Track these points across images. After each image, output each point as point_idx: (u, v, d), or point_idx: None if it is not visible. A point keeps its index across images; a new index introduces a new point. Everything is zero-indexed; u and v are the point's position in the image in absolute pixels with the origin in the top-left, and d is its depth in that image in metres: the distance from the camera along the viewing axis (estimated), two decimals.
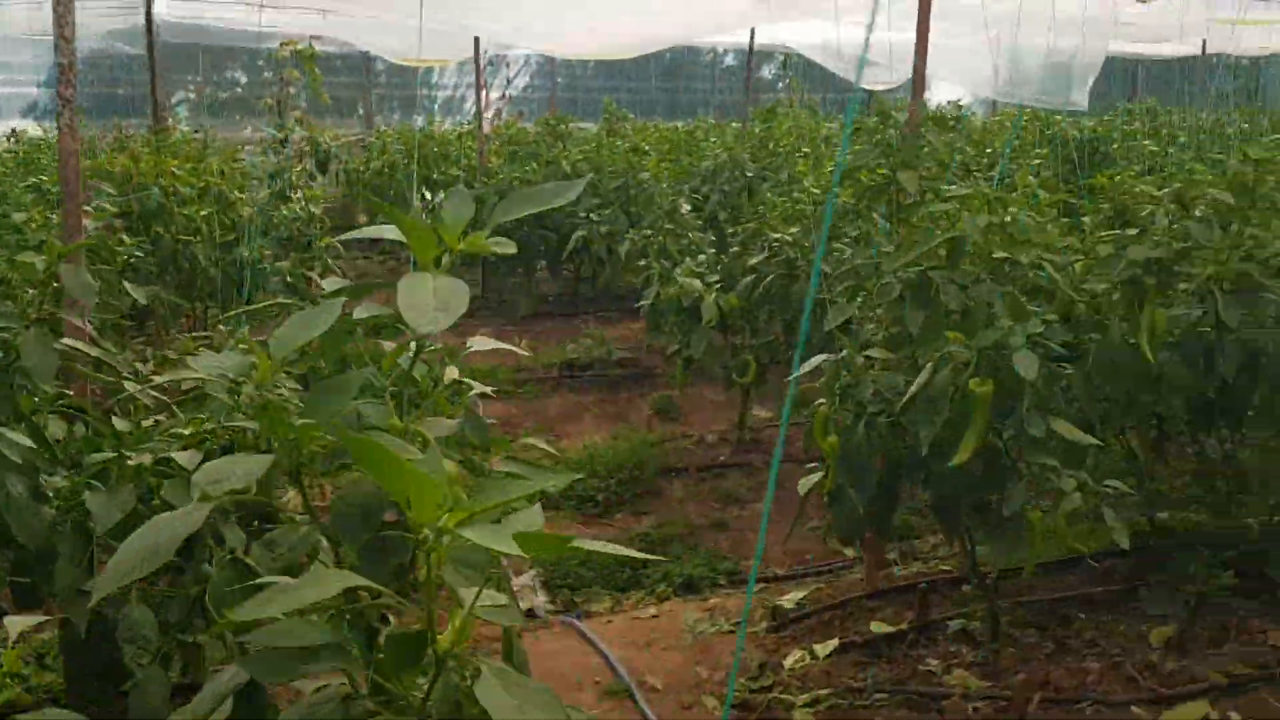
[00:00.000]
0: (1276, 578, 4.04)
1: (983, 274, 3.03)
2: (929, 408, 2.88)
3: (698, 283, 5.72)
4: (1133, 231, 3.20)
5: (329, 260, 6.11)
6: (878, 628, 4.01)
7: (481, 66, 11.60)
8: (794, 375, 3.23)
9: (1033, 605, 4.15)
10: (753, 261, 5.63)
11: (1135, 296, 3.15)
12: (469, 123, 13.23)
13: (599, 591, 4.74)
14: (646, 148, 9.35)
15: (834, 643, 3.91)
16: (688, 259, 5.94)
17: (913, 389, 2.93)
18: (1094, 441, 2.94)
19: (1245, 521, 3.92)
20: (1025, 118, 9.91)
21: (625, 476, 5.68)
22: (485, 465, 2.22)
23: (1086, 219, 3.96)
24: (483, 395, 7.68)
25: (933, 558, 4.93)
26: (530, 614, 4.58)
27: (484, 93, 17.96)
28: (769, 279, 5.67)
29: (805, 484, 3.34)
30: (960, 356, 3.00)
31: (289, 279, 5.85)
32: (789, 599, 4.35)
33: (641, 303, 6.03)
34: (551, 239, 9.47)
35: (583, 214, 8.63)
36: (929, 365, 2.98)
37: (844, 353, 3.24)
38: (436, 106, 18.32)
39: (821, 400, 3.31)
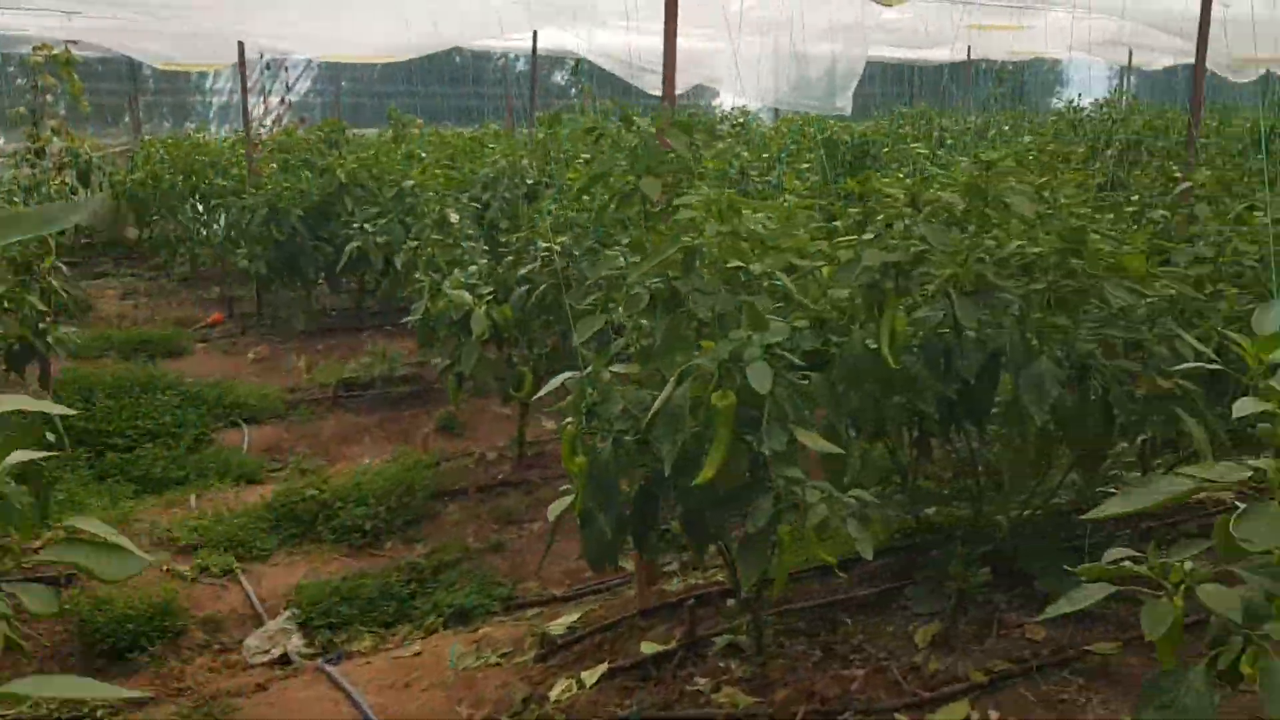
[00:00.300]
0: (1030, 571, 4.14)
1: (720, 284, 2.93)
2: (670, 424, 2.75)
3: (467, 295, 5.48)
4: (869, 235, 3.18)
5: (53, 282, 5.56)
6: (648, 648, 3.88)
7: (248, 72, 11.03)
8: (538, 394, 3.05)
9: (803, 612, 4.11)
10: (522, 271, 5.43)
11: (875, 301, 3.13)
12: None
13: (361, 629, 4.43)
14: (423, 154, 9.01)
15: (602, 668, 3.75)
16: (457, 270, 5.69)
17: (656, 405, 2.79)
18: (837, 450, 2.88)
19: (996, 519, 3.99)
20: (802, 123, 10.13)
21: (395, 503, 5.38)
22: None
23: (838, 223, 3.94)
24: (250, 421, 7.15)
25: (712, 567, 4.85)
26: (284, 660, 4.25)
27: (264, 98, 17.15)
28: (542, 289, 5.48)
29: (555, 508, 3.16)
30: (707, 369, 2.88)
31: (5, 305, 5.28)
32: (560, 623, 4.18)
33: (409, 318, 5.74)
34: (329, 251, 9.04)
35: (359, 224, 8.24)
36: (672, 379, 2.85)
37: (589, 369, 3.08)
38: (212, 113, 17.37)
39: (569, 419, 3.15)
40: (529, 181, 7.97)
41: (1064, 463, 4.01)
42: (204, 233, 10.71)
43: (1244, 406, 1.68)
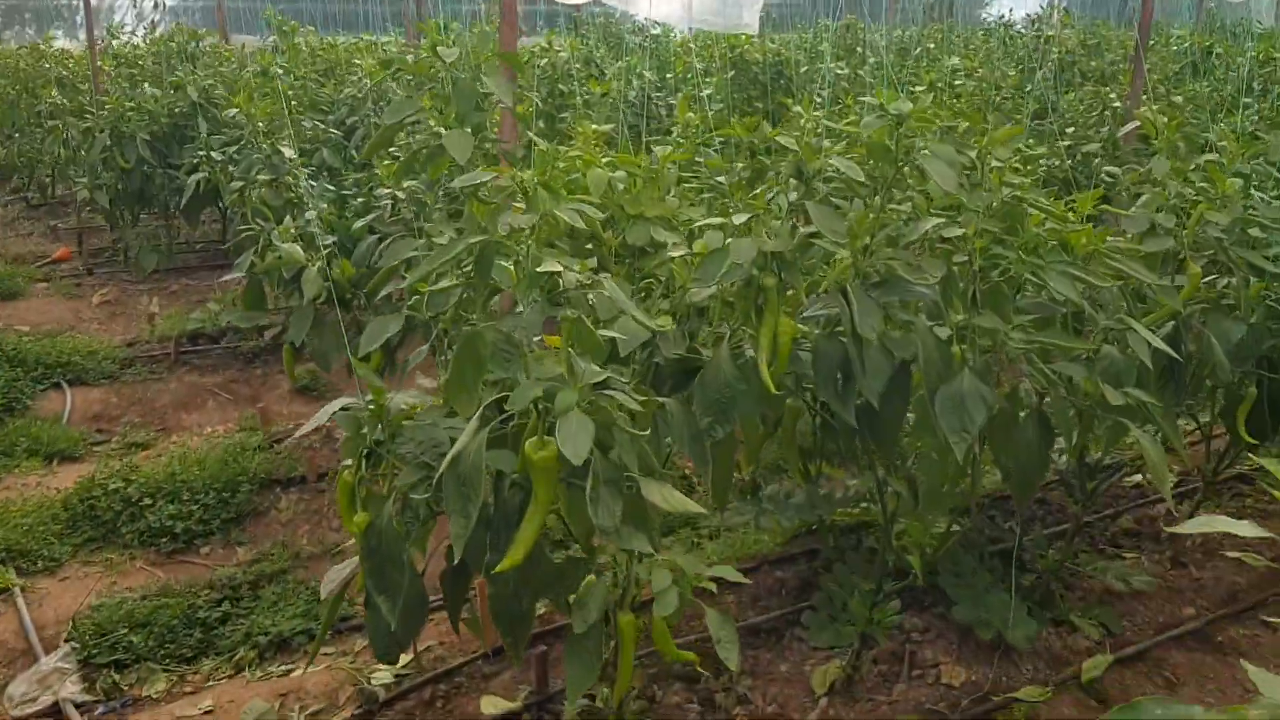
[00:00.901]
0: (945, 588, 3.51)
1: (533, 292, 2.14)
2: (461, 491, 1.99)
3: (299, 249, 4.62)
4: (740, 220, 2.40)
5: None
6: (489, 706, 3.19)
7: None
8: (298, 434, 2.30)
9: (684, 646, 3.43)
10: (358, 224, 4.58)
11: (752, 303, 2.38)
12: (121, 38, 11.16)
13: (155, 667, 3.67)
14: (279, 69, 7.96)
15: None
16: (289, 217, 4.81)
17: (444, 463, 2.03)
18: (699, 510, 2.16)
19: (908, 558, 3.33)
20: (715, 39, 9.24)
21: (215, 498, 4.57)
22: None
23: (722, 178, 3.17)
24: (76, 383, 6.19)
25: None
26: (54, 712, 3.47)
27: (135, 2, 15.61)
28: (391, 241, 4.64)
29: (329, 582, 2.42)
30: (518, 407, 2.13)
31: None
32: (387, 670, 3.45)
33: (230, 275, 4.87)
34: (184, 182, 8.03)
35: (204, 152, 7.22)
36: (472, 422, 2.09)
37: (369, 396, 2.30)
38: (80, 19, 15.82)
39: (348, 462, 2.38)
40: None
41: (990, 477, 3.36)
42: (59, 154, 9.55)
43: None
